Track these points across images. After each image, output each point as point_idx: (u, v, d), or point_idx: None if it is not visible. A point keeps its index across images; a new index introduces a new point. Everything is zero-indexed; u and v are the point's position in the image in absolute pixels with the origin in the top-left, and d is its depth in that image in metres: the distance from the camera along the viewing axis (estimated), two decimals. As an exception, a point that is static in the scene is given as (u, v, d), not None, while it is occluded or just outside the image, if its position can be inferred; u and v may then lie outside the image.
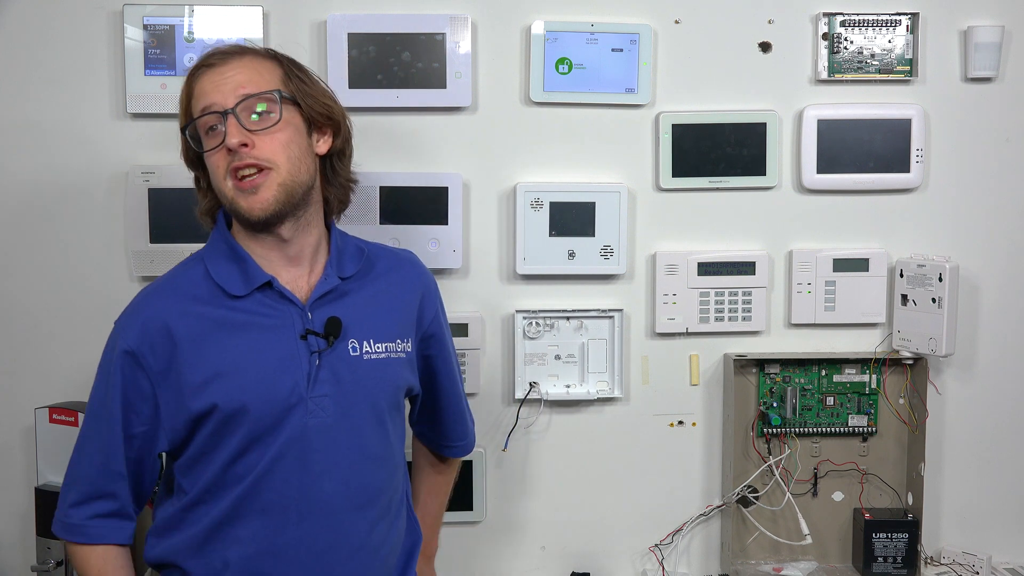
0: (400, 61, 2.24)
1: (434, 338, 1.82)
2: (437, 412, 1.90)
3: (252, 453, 1.60)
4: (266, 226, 1.62)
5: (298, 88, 1.65)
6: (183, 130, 1.65)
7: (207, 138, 1.62)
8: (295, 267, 1.67)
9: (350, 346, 1.65)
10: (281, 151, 1.61)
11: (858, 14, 2.31)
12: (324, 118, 1.68)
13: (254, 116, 1.60)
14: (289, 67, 1.67)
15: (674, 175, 2.32)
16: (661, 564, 2.38)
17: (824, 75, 2.32)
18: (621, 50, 2.28)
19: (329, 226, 1.74)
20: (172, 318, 1.60)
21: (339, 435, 1.63)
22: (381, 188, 2.25)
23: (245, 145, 1.58)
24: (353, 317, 1.66)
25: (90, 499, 1.63)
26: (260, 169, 1.59)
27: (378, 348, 1.68)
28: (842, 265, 2.35)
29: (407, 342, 1.73)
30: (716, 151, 2.31)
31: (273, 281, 1.63)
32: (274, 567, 1.61)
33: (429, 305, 1.80)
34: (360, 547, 1.65)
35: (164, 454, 1.67)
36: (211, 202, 1.71)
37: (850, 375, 2.38)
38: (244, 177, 1.59)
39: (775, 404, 2.37)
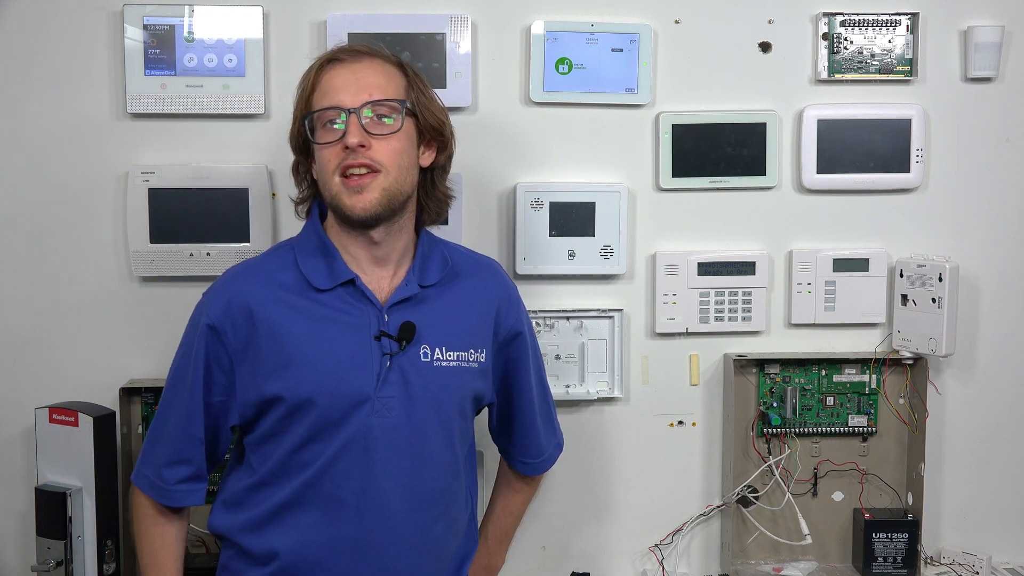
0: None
1: (515, 342, 1.84)
2: (511, 422, 1.92)
3: (317, 443, 1.64)
4: (363, 226, 1.66)
5: (418, 99, 1.71)
6: (303, 118, 1.68)
7: (323, 131, 1.66)
8: (380, 268, 1.71)
9: (422, 351, 1.69)
10: (394, 157, 1.65)
11: (858, 14, 2.31)
12: (435, 133, 1.73)
13: (376, 120, 1.64)
14: (413, 77, 1.72)
15: (674, 175, 2.32)
16: (661, 564, 2.38)
17: (824, 75, 2.32)
18: (621, 50, 2.28)
19: (419, 231, 1.78)
20: (255, 300, 1.66)
21: (402, 436, 1.66)
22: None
23: (363, 146, 1.62)
24: (428, 323, 1.70)
25: (176, 463, 1.71)
26: (370, 170, 1.63)
27: (449, 356, 1.71)
28: (842, 265, 2.35)
29: (481, 352, 1.76)
30: (716, 151, 2.31)
31: (356, 279, 1.67)
32: (327, 557, 1.66)
33: (508, 313, 1.82)
34: (413, 547, 1.69)
35: (235, 428, 1.74)
36: (308, 192, 1.76)
37: (850, 375, 2.38)
38: (352, 175, 1.62)
39: (775, 404, 2.37)
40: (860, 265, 2.35)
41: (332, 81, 1.66)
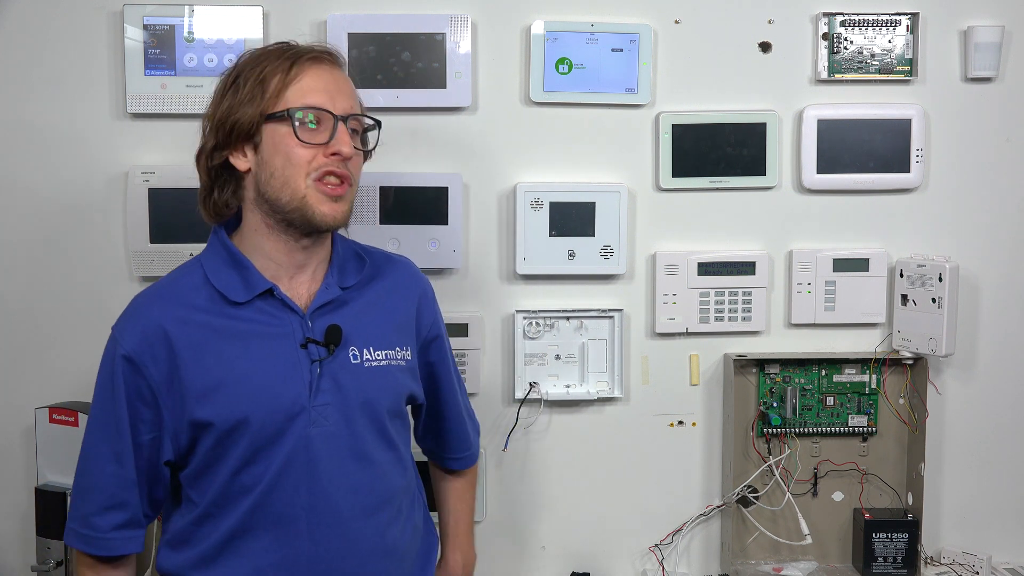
0: (400, 61, 2.24)
1: (434, 344, 1.82)
2: (440, 422, 1.89)
3: (257, 464, 1.59)
4: (308, 233, 1.62)
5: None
6: (287, 111, 1.58)
7: (302, 129, 1.58)
8: (301, 274, 1.66)
9: (351, 354, 1.64)
10: (359, 172, 1.65)
11: (858, 14, 2.31)
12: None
13: (352, 131, 1.62)
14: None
15: (674, 175, 2.32)
16: (661, 564, 2.38)
17: (824, 75, 2.32)
18: (621, 50, 2.28)
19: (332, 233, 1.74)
20: (170, 325, 1.58)
21: (343, 443, 1.62)
22: (381, 188, 2.25)
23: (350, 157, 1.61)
24: (353, 325, 1.65)
25: (108, 509, 1.61)
26: (345, 181, 1.61)
27: (378, 355, 1.67)
28: (842, 265, 2.35)
29: (407, 350, 1.73)
30: (716, 151, 2.31)
31: (275, 289, 1.62)
32: None
33: (427, 311, 1.80)
34: (372, 552, 1.65)
35: (170, 463, 1.65)
36: (230, 191, 1.64)
37: (850, 375, 2.38)
38: (329, 182, 1.59)
39: (775, 404, 2.37)
40: (860, 265, 2.35)
41: (315, 81, 1.60)
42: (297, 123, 1.58)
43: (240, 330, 1.60)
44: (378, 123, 1.68)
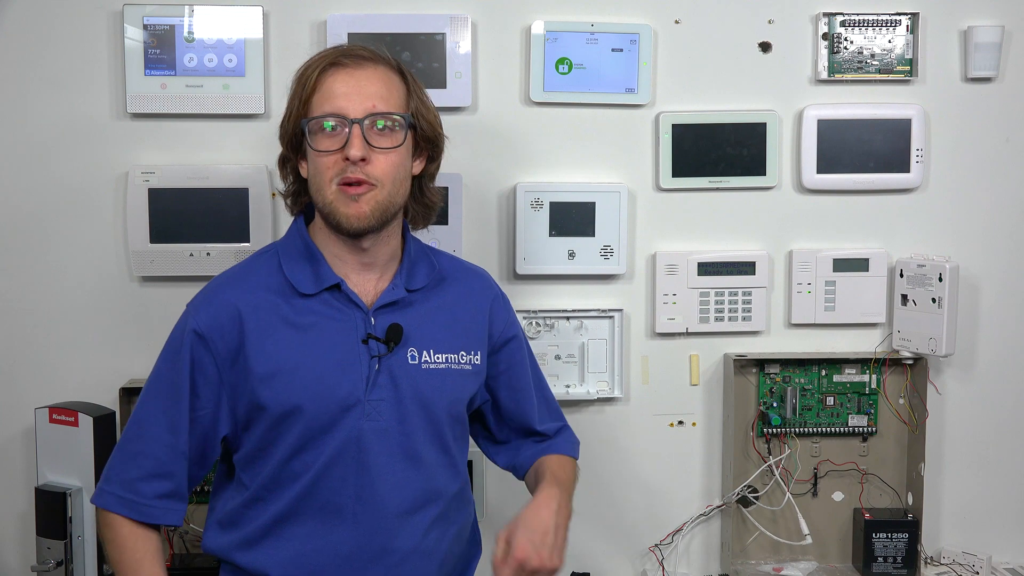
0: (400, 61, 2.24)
1: (507, 347, 1.81)
2: (521, 419, 1.85)
3: (308, 452, 1.63)
4: (353, 236, 1.64)
5: (417, 109, 1.68)
6: (302, 122, 1.62)
7: (321, 136, 1.61)
8: (367, 272, 1.69)
9: (409, 354, 1.67)
10: (390, 172, 1.63)
11: (858, 14, 2.31)
12: (430, 143, 1.71)
13: (378, 132, 1.61)
14: (412, 84, 1.69)
15: (674, 175, 2.32)
16: (661, 564, 2.38)
17: (824, 75, 2.32)
18: (621, 50, 2.28)
19: (405, 234, 1.75)
20: (244, 307, 1.63)
21: (394, 440, 1.65)
22: (381, 188, 2.25)
23: (363, 159, 1.59)
24: (415, 326, 1.68)
25: (155, 476, 1.64)
26: (366, 184, 1.61)
27: (438, 359, 1.69)
28: (842, 265, 2.35)
29: (474, 354, 1.74)
30: (716, 151, 2.31)
31: (342, 283, 1.66)
32: (326, 566, 1.64)
33: (500, 315, 1.81)
34: (412, 551, 1.67)
35: (225, 441, 1.68)
36: (294, 188, 1.73)
37: (850, 375, 2.38)
38: (349, 184, 1.60)
39: (775, 404, 2.37)
40: (860, 265, 2.35)
41: (334, 86, 1.61)
42: (310, 133, 1.62)
43: (305, 320, 1.64)
44: (404, 117, 1.64)
